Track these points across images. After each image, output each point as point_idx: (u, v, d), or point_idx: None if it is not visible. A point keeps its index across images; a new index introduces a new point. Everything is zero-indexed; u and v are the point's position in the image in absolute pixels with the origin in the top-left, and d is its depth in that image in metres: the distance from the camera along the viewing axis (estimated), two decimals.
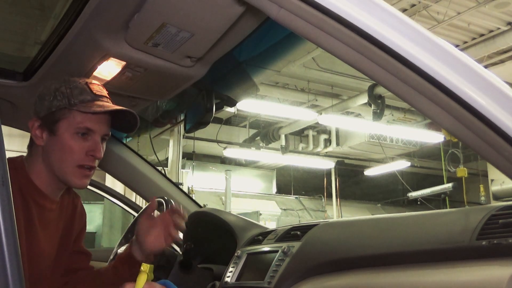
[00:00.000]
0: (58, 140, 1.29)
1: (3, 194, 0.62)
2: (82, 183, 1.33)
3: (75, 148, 1.29)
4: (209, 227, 1.90)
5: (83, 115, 1.28)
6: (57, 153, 1.30)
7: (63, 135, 1.29)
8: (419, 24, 0.78)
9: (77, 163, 1.29)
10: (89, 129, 1.29)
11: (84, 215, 1.55)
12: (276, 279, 1.28)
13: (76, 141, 1.29)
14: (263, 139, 11.71)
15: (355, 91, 9.77)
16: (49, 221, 1.36)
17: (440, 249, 0.97)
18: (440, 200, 10.26)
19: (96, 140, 1.30)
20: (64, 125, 1.29)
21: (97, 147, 1.30)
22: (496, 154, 0.76)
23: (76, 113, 1.28)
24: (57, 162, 1.30)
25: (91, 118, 1.29)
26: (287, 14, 0.79)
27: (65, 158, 1.29)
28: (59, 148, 1.29)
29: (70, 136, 1.29)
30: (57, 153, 1.30)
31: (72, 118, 1.28)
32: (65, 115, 1.29)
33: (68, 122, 1.29)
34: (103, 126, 1.32)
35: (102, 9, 1.21)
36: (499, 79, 0.78)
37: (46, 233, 1.34)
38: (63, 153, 1.29)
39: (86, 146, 1.30)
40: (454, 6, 7.09)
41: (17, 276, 0.60)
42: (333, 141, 11.99)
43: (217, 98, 1.78)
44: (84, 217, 1.55)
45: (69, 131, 1.29)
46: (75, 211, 1.49)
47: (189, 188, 9.81)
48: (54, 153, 1.30)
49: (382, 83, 0.80)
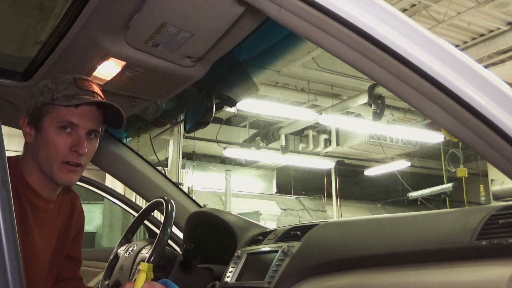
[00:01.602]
0: (43, 136, 1.28)
1: (3, 194, 0.62)
2: (68, 179, 1.30)
3: (58, 144, 1.26)
4: (209, 227, 1.90)
5: (66, 109, 1.26)
6: (42, 149, 1.28)
7: (47, 131, 1.27)
8: (419, 24, 0.78)
9: (61, 159, 1.27)
10: (71, 123, 1.27)
11: (82, 216, 1.53)
12: (276, 279, 1.28)
13: (59, 136, 1.27)
14: (263, 139, 11.71)
15: (355, 91, 9.77)
16: (44, 221, 1.35)
17: (440, 249, 0.97)
18: (440, 200, 10.27)
19: (80, 135, 1.28)
20: (48, 120, 1.27)
21: (80, 142, 1.27)
22: (496, 154, 0.76)
23: (59, 107, 1.26)
24: (43, 159, 1.28)
25: (74, 112, 1.27)
26: (287, 14, 0.79)
27: (49, 154, 1.27)
28: (43, 144, 1.28)
29: (54, 131, 1.27)
30: (42, 149, 1.28)
31: (55, 113, 1.27)
32: (49, 110, 1.27)
33: (51, 117, 1.27)
34: (87, 120, 1.29)
35: (102, 9, 1.21)
36: (499, 79, 0.78)
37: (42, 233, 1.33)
38: (47, 149, 1.27)
39: (69, 142, 1.27)
40: (454, 6, 7.09)
41: (17, 276, 0.60)
42: (333, 141, 11.99)
43: (217, 98, 1.77)
44: (82, 219, 1.54)
45: (52, 126, 1.27)
46: (73, 211, 1.48)
47: (189, 188, 9.81)
48: (40, 149, 1.29)
49: (382, 83, 0.80)
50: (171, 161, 8.85)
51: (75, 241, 1.50)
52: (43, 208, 1.34)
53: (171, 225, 1.67)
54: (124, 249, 1.71)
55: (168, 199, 1.72)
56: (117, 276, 1.60)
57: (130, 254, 1.68)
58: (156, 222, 2.35)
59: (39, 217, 1.33)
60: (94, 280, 2.51)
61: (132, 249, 1.69)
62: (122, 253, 1.71)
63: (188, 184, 10.09)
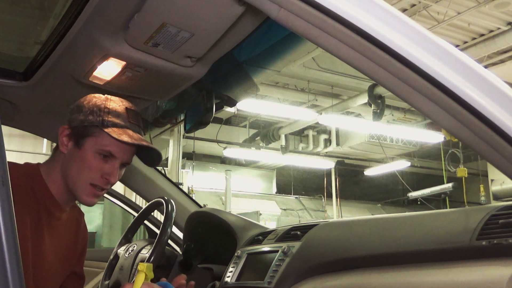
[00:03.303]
0: (80, 154, 1.31)
1: (3, 194, 0.62)
2: (90, 201, 1.34)
3: (93, 167, 1.30)
4: (209, 227, 1.90)
5: (111, 139, 1.30)
6: (75, 166, 1.32)
7: (87, 151, 1.30)
8: (419, 24, 0.78)
9: (90, 181, 1.31)
10: (112, 154, 1.31)
11: (86, 234, 1.57)
12: (276, 279, 1.28)
13: (96, 160, 1.31)
14: (263, 139, 11.71)
15: (355, 91, 9.77)
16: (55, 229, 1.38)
17: (440, 249, 0.97)
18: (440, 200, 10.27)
19: (115, 166, 1.32)
20: (91, 142, 1.31)
21: (114, 173, 1.32)
22: (496, 154, 0.76)
23: (105, 135, 1.30)
24: (73, 174, 1.32)
25: (117, 144, 1.31)
26: (287, 14, 0.79)
27: (81, 173, 1.31)
28: (78, 162, 1.31)
29: (93, 155, 1.30)
30: (76, 166, 1.32)
31: (100, 139, 1.30)
32: (95, 133, 1.31)
33: (95, 141, 1.30)
34: (126, 154, 1.34)
35: (102, 9, 1.21)
36: (499, 79, 0.78)
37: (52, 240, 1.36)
38: (81, 168, 1.31)
39: (104, 168, 1.31)
40: (454, 6, 7.09)
41: (17, 276, 0.60)
42: (333, 141, 11.99)
43: (217, 98, 1.77)
44: (86, 236, 1.58)
45: (93, 149, 1.30)
46: (78, 228, 1.52)
47: (189, 188, 9.81)
48: (73, 164, 1.32)
49: (382, 83, 0.80)
50: (171, 161, 8.85)
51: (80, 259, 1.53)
52: (57, 216, 1.38)
53: (171, 225, 1.67)
54: (124, 249, 1.71)
55: (168, 199, 1.72)
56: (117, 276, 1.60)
57: (130, 254, 1.68)
58: (156, 222, 2.35)
59: (52, 225, 1.36)
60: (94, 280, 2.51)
61: (132, 249, 1.69)
62: (122, 253, 1.71)
63: (188, 184, 10.09)
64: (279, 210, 12.27)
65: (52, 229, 1.36)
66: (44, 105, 1.77)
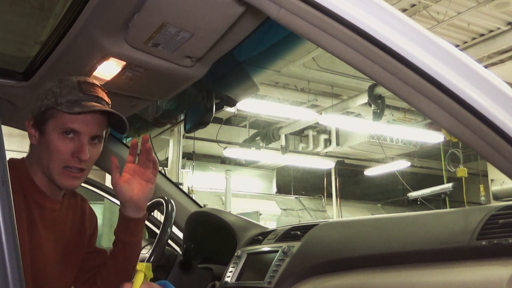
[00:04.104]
0: (46, 140, 1.28)
1: (3, 194, 0.62)
2: (71, 184, 1.30)
3: (61, 149, 1.26)
4: (209, 227, 1.90)
5: (69, 115, 1.26)
6: (45, 153, 1.28)
7: (50, 135, 1.27)
8: (419, 24, 0.78)
9: (63, 164, 1.27)
10: (74, 130, 1.27)
11: (94, 217, 1.54)
12: (276, 279, 1.28)
13: (62, 142, 1.27)
14: (263, 139, 11.71)
15: (355, 91, 9.77)
16: (51, 221, 1.35)
17: (440, 249, 0.97)
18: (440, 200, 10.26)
19: (82, 142, 1.27)
20: (51, 125, 1.27)
21: (82, 149, 1.27)
22: (496, 154, 0.76)
23: (62, 113, 1.26)
24: (45, 162, 1.29)
25: (76, 118, 1.26)
26: (287, 14, 0.79)
27: (52, 158, 1.27)
28: (46, 148, 1.28)
29: (57, 136, 1.27)
30: (45, 153, 1.28)
31: (59, 118, 1.26)
32: (53, 114, 1.27)
33: (54, 122, 1.27)
34: (90, 127, 1.28)
35: (102, 9, 1.21)
36: (499, 79, 0.78)
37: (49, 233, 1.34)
38: (50, 153, 1.27)
39: (71, 147, 1.27)
40: (454, 6, 7.09)
41: (17, 276, 0.60)
42: (333, 141, 11.99)
43: (217, 98, 1.77)
44: (95, 220, 1.55)
45: (55, 131, 1.27)
46: (84, 214, 1.49)
47: (189, 188, 9.81)
48: (43, 153, 1.29)
49: (382, 83, 0.80)
50: (171, 161, 8.85)
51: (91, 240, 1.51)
52: (50, 208, 1.35)
53: (171, 225, 1.67)
54: None
55: (168, 199, 1.72)
56: None
57: None
58: (156, 222, 2.35)
59: (46, 217, 1.34)
60: None
61: None
62: None
63: (188, 184, 10.09)
64: (279, 210, 12.27)
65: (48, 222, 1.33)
66: None
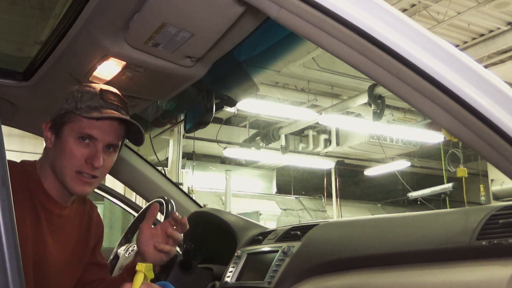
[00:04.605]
0: (62, 143, 1.28)
1: (3, 194, 0.62)
2: (82, 190, 1.30)
3: (75, 154, 1.27)
4: (209, 227, 1.90)
5: (87, 121, 1.26)
6: (59, 156, 1.28)
7: (66, 139, 1.27)
8: (419, 24, 0.78)
9: (76, 169, 1.27)
10: (91, 136, 1.27)
11: (101, 226, 1.53)
12: (276, 279, 1.28)
13: (77, 146, 1.27)
14: (263, 139, 11.71)
15: (355, 91, 9.77)
16: (58, 226, 1.35)
17: (440, 249, 0.97)
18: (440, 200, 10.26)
19: (97, 149, 1.27)
20: (68, 129, 1.27)
21: (97, 155, 1.27)
22: (496, 154, 0.76)
23: (81, 118, 1.26)
24: (59, 166, 1.29)
25: (94, 124, 1.26)
26: (287, 14, 0.79)
27: (65, 162, 1.27)
28: (61, 151, 1.28)
29: (73, 141, 1.27)
30: (60, 156, 1.28)
31: (76, 123, 1.27)
32: (71, 119, 1.27)
33: (72, 126, 1.27)
34: (106, 134, 1.28)
35: (102, 9, 1.21)
36: (499, 79, 0.78)
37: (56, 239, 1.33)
38: (64, 157, 1.27)
39: (86, 153, 1.27)
40: (454, 6, 7.09)
41: (17, 276, 0.60)
42: (333, 141, 11.99)
43: (217, 98, 1.77)
44: (101, 228, 1.54)
45: (72, 135, 1.27)
46: (91, 222, 1.48)
47: (189, 188, 9.81)
48: (57, 156, 1.29)
49: (382, 83, 0.80)
50: (171, 161, 8.85)
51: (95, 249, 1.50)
52: (57, 213, 1.34)
53: None
54: (124, 249, 1.71)
55: (168, 199, 1.72)
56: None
57: (130, 254, 1.69)
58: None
59: (53, 222, 1.33)
60: None
61: (132, 249, 1.70)
62: (122, 253, 1.71)
63: (188, 184, 10.09)
64: (279, 210, 12.27)
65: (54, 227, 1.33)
66: (44, 105, 1.77)
